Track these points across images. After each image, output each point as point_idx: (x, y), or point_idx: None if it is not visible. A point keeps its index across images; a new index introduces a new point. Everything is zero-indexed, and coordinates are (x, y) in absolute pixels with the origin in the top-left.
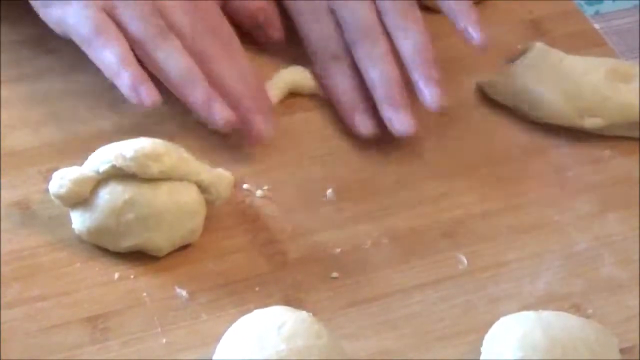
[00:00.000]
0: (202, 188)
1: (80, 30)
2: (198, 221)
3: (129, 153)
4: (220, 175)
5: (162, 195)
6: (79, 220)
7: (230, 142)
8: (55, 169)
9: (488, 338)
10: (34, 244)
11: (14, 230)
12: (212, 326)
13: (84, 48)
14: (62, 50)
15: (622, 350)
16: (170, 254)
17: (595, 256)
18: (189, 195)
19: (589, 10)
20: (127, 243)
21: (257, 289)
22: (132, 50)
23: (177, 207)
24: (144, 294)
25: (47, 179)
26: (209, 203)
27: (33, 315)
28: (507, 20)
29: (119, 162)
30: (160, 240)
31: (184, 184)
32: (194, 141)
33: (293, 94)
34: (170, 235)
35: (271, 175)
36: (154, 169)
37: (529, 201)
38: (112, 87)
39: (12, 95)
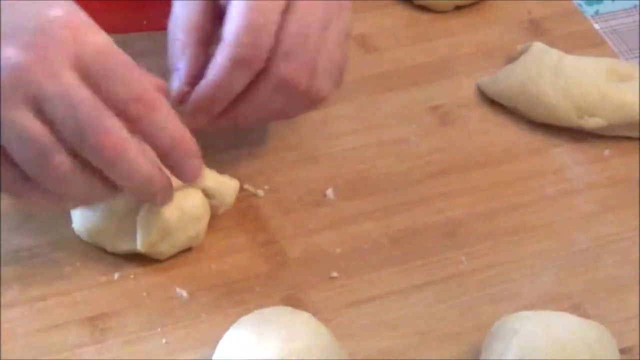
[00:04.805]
0: (207, 194)
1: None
2: (201, 227)
3: None
4: (226, 183)
5: None
6: (79, 221)
7: (230, 142)
8: None
9: (488, 338)
10: (34, 244)
11: (14, 230)
12: (212, 326)
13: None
14: None
15: (622, 350)
16: None
17: (595, 256)
18: (193, 201)
19: (589, 10)
20: (127, 246)
21: (257, 289)
22: None
23: (180, 212)
24: (144, 294)
25: None
26: (212, 209)
27: (33, 315)
28: (507, 20)
29: None
30: (162, 244)
31: (188, 189)
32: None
33: None
34: (172, 240)
35: (271, 175)
36: None
37: (529, 201)
38: None
39: None
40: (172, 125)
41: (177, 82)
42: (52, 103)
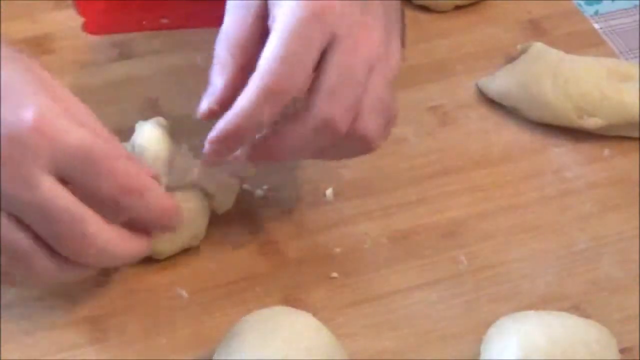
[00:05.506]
0: (207, 194)
1: None
2: (201, 227)
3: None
4: (226, 184)
5: None
6: None
7: None
8: None
9: (488, 338)
10: None
11: None
12: (212, 326)
13: None
14: (62, 50)
15: (622, 350)
16: None
17: (595, 256)
18: (193, 202)
19: (589, 10)
20: None
21: (257, 289)
22: None
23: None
24: (144, 294)
25: None
26: (212, 209)
27: (33, 315)
28: (507, 20)
29: None
30: (161, 244)
31: (188, 189)
32: (196, 140)
33: None
34: (172, 240)
35: (271, 175)
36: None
37: (529, 201)
38: (113, 87)
39: None
40: (160, 207)
41: (209, 97)
42: (29, 215)
